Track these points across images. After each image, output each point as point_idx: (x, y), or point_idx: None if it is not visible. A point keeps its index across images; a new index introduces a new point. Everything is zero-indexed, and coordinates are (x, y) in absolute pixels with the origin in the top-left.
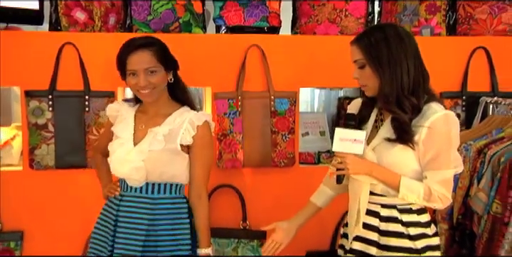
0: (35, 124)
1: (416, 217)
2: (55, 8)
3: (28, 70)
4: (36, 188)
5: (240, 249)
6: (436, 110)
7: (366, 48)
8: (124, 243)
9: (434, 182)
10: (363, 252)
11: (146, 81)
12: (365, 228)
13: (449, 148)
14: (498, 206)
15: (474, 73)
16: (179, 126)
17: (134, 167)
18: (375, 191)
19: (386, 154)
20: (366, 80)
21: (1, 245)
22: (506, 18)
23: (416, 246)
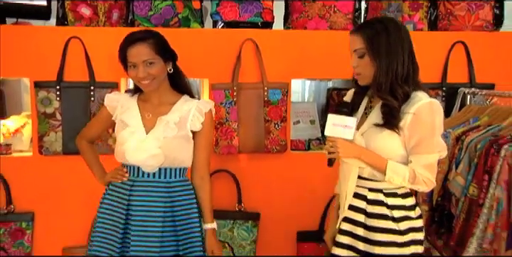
0: (44, 113)
1: (401, 201)
2: (61, 4)
3: (36, 62)
4: (45, 172)
5: (235, 229)
6: (421, 98)
7: (368, 38)
8: (142, 225)
9: (419, 166)
10: (350, 232)
11: (145, 73)
12: (353, 210)
13: (433, 134)
14: (474, 189)
15: (453, 66)
16: (187, 114)
17: (152, 154)
18: (363, 175)
19: (374, 139)
20: (363, 69)
21: (13, 225)
22: (483, 15)
23: (399, 228)
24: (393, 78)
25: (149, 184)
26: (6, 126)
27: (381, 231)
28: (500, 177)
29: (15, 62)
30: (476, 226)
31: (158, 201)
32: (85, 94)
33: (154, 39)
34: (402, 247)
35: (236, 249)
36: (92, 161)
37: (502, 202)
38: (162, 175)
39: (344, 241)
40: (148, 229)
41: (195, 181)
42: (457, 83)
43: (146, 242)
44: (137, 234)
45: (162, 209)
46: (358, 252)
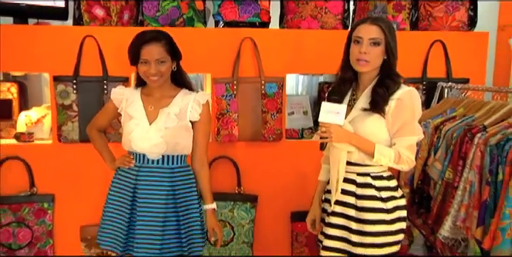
0: (62, 105)
1: (386, 182)
2: (78, 5)
3: (55, 59)
4: (64, 158)
5: (235, 210)
6: (403, 87)
7: (387, 31)
8: (147, 206)
9: (402, 147)
10: (343, 214)
11: (157, 70)
12: (344, 193)
13: (413, 118)
14: (450, 173)
15: (432, 62)
16: (186, 105)
17: (155, 143)
18: (351, 160)
19: (362, 125)
20: (375, 57)
21: (36, 205)
22: (459, 16)
23: (387, 207)
24: (394, 67)
25: (153, 170)
26: (28, 116)
27: (371, 210)
28: (473, 162)
29: (36, 59)
30: (451, 206)
31: (162, 185)
32: (99, 87)
33: (167, 40)
34: (389, 224)
35: (236, 228)
36: (102, 148)
37: (474, 185)
38: (165, 162)
39: (338, 221)
40: (152, 210)
41: (195, 166)
42: (436, 78)
43: (151, 221)
44: (143, 214)
45: (165, 192)
46: (351, 231)
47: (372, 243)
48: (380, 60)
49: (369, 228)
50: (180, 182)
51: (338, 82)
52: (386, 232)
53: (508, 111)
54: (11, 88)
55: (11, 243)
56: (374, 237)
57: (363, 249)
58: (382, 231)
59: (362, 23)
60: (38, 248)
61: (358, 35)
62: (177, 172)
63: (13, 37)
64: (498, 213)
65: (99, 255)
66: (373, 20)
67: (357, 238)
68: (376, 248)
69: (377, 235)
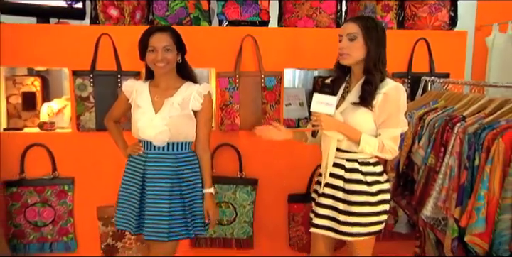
0: (80, 97)
1: (372, 168)
2: (94, 6)
3: (74, 55)
4: (82, 145)
5: (237, 192)
6: (390, 82)
7: (363, 26)
8: (155, 189)
9: (386, 138)
10: (332, 195)
11: (163, 57)
12: (333, 177)
13: (398, 112)
14: (432, 159)
15: (417, 58)
16: (189, 96)
17: (160, 131)
18: (341, 147)
19: (351, 116)
20: (354, 50)
21: (58, 187)
22: (441, 16)
23: (372, 190)
24: (377, 61)
25: (160, 156)
26: (50, 107)
27: (357, 193)
28: (453, 149)
29: (57, 55)
30: (432, 189)
31: (167, 169)
32: (113, 80)
33: (173, 32)
34: (374, 206)
35: (238, 208)
36: (117, 137)
37: (454, 169)
38: (170, 148)
39: (327, 202)
40: (159, 192)
41: (198, 152)
42: (420, 72)
43: (158, 203)
44: (151, 197)
45: (170, 177)
46: (339, 211)
47: (357, 222)
48: (360, 53)
49: (355, 209)
50: (185, 167)
51: (334, 78)
52: (370, 213)
53: (484, 103)
54: (34, 82)
55: (36, 221)
56: (359, 217)
57: (349, 227)
58: (367, 212)
59: (344, 23)
60: (60, 226)
61: (340, 33)
62: (182, 158)
63: (36, 36)
64: (474, 195)
65: (114, 232)
66: (353, 18)
67: (343, 218)
68: (361, 226)
69: (362, 215)
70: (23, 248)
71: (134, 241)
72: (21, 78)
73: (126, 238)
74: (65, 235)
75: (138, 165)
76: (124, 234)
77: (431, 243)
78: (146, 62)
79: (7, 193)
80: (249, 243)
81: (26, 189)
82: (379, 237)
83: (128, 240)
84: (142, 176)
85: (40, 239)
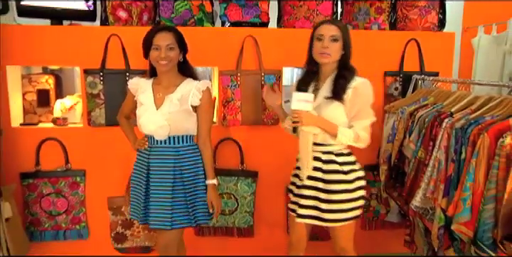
0: (91, 94)
1: (347, 158)
2: (104, 9)
3: (85, 54)
4: (93, 139)
5: (238, 184)
6: (357, 78)
7: (343, 29)
8: (157, 181)
9: (359, 129)
10: (313, 186)
11: (166, 55)
12: (312, 169)
13: (367, 104)
14: (422, 152)
15: (408, 58)
16: (188, 92)
17: (160, 125)
18: (317, 141)
19: (324, 110)
20: (335, 51)
21: (71, 179)
22: (430, 18)
23: (349, 178)
24: (349, 60)
25: (161, 149)
26: (63, 103)
27: (336, 182)
28: (442, 143)
29: (69, 55)
30: (422, 181)
31: (168, 162)
32: (122, 78)
33: (176, 32)
34: (351, 192)
35: (239, 199)
36: (128, 132)
37: (442, 162)
38: (171, 142)
39: (309, 193)
40: (162, 184)
41: (199, 146)
42: (411, 71)
43: (161, 195)
44: (154, 189)
45: (171, 168)
46: (321, 200)
47: (339, 209)
48: (338, 54)
49: (335, 197)
50: (186, 159)
51: (305, 74)
52: (350, 199)
53: (470, 100)
54: (48, 80)
55: (51, 210)
56: (340, 204)
57: (332, 214)
58: (346, 199)
59: (323, 24)
60: (73, 215)
61: (320, 33)
62: (182, 151)
63: (50, 37)
64: (461, 186)
65: (124, 221)
66: (332, 21)
67: (326, 206)
68: (342, 212)
69: (342, 202)
70: (39, 235)
71: (142, 229)
72: (36, 76)
73: (135, 226)
74: (77, 223)
75: (143, 158)
76: (133, 223)
77: (420, 231)
78: (150, 59)
79: (24, 184)
80: (249, 232)
81: (41, 180)
82: (371, 225)
83: (136, 228)
84: (147, 168)
85: (54, 227)
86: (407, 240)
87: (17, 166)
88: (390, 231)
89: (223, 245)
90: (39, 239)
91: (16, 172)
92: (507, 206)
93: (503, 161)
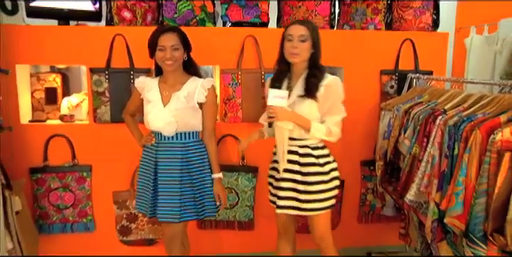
0: (97, 92)
1: (322, 151)
2: (109, 9)
3: (91, 54)
4: (98, 135)
5: (239, 179)
6: (328, 76)
7: (312, 30)
8: (165, 176)
9: (331, 124)
10: (291, 179)
11: (171, 55)
12: (290, 162)
13: (339, 101)
14: (417, 148)
15: (403, 57)
16: (194, 89)
17: (168, 122)
18: (293, 136)
19: (298, 107)
20: (304, 51)
21: (77, 174)
22: (425, 19)
23: (324, 170)
24: (319, 59)
25: (169, 145)
26: (70, 101)
27: (313, 174)
28: (435, 139)
29: (76, 54)
30: (416, 176)
31: (176, 157)
32: (127, 77)
33: (180, 32)
34: (327, 183)
35: (240, 193)
36: (133, 130)
37: (435, 158)
38: (179, 138)
39: (287, 185)
40: (170, 179)
41: (205, 141)
42: (406, 70)
43: (170, 189)
44: (163, 183)
45: (179, 164)
46: (299, 192)
47: (316, 199)
48: (308, 53)
49: (312, 188)
50: (193, 154)
51: (277, 73)
52: (326, 189)
53: (463, 98)
54: (56, 78)
55: (59, 204)
56: (317, 194)
57: (310, 204)
58: (323, 189)
59: (292, 25)
60: (80, 209)
61: (290, 34)
62: (189, 146)
63: (57, 37)
64: (454, 181)
65: (128, 215)
66: (301, 22)
67: (304, 197)
68: (319, 202)
69: (319, 192)
70: (48, 227)
71: (146, 222)
72: (44, 75)
73: (139, 220)
74: (84, 217)
75: (150, 154)
76: (137, 216)
77: (414, 224)
78: (156, 59)
79: (33, 179)
80: (250, 225)
81: (49, 175)
82: (368, 218)
83: (141, 222)
84: (154, 164)
85: (62, 220)
86: (402, 233)
87: (26, 161)
88: (385, 225)
89: (224, 238)
90: (48, 232)
91: (25, 167)
92: (497, 201)
93: (494, 157)
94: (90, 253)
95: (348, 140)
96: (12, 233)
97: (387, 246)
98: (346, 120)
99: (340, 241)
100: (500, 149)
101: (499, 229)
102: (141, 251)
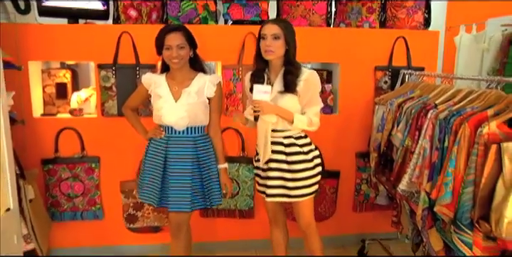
0: (104, 87)
1: (304, 140)
2: (116, 8)
3: (99, 50)
4: (106, 128)
5: (240, 170)
6: (306, 70)
7: (284, 27)
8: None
9: (311, 115)
10: (278, 168)
11: (177, 54)
12: (276, 153)
13: (316, 93)
14: (409, 141)
15: (397, 54)
16: (203, 85)
17: (180, 116)
18: (277, 128)
19: (280, 101)
20: (277, 48)
21: (86, 165)
22: (417, 18)
23: (308, 157)
24: (293, 55)
25: (180, 139)
26: (79, 96)
27: (298, 162)
28: (427, 132)
29: (84, 51)
30: (408, 167)
31: (188, 151)
32: (133, 72)
33: (185, 31)
34: (311, 169)
35: (241, 183)
36: (135, 124)
37: (427, 150)
38: (189, 132)
39: (275, 174)
40: (182, 171)
41: (211, 134)
42: (399, 66)
43: (181, 181)
44: (174, 175)
45: (191, 157)
46: (286, 180)
47: (303, 186)
48: (281, 50)
49: (299, 175)
50: (202, 148)
51: (256, 70)
52: (310, 176)
53: (453, 93)
54: (66, 74)
55: (69, 193)
56: (303, 181)
57: (297, 191)
58: (308, 176)
59: (266, 24)
60: (89, 197)
61: (264, 33)
62: (199, 140)
63: (67, 34)
64: (443, 172)
65: (135, 204)
66: (274, 20)
67: (291, 184)
68: (306, 188)
69: (305, 179)
70: (59, 215)
71: (152, 211)
72: (55, 71)
73: (145, 208)
74: (93, 205)
75: (160, 147)
76: (143, 205)
77: (406, 212)
78: (163, 57)
79: (45, 169)
80: (250, 214)
81: (60, 166)
82: (362, 207)
83: (146, 210)
84: (164, 157)
85: (72, 208)
86: (394, 221)
87: (38, 153)
88: (378, 213)
89: (226, 225)
90: (59, 219)
91: (38, 158)
92: (484, 190)
93: (481, 149)
94: (99, 239)
95: (343, 133)
96: (26, 219)
97: (381, 233)
98: (342, 113)
99: (336, 228)
100: (487, 141)
101: (485, 217)
102: (147, 238)
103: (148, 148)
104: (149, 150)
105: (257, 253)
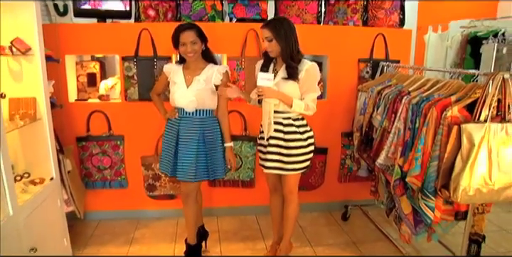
0: (127, 76)
1: (302, 121)
2: (137, 9)
3: (123, 45)
4: (129, 111)
5: (242, 146)
6: (308, 62)
7: (274, 30)
8: (185, 143)
9: (309, 101)
10: (276, 144)
11: (191, 49)
12: (275, 131)
13: (315, 82)
14: (386, 122)
15: (376, 48)
16: (211, 74)
17: (190, 100)
18: (278, 109)
19: (282, 87)
20: (273, 48)
21: (113, 142)
22: (394, 18)
23: (303, 137)
24: (290, 51)
25: (190, 119)
26: (106, 84)
27: (294, 140)
28: (401, 115)
29: (111, 45)
30: (385, 144)
31: (195, 129)
32: (151, 64)
33: (197, 28)
34: (305, 147)
35: (243, 158)
36: (159, 106)
37: (401, 130)
38: (198, 114)
39: (273, 150)
40: (188, 145)
41: (219, 117)
42: (379, 58)
43: (188, 154)
44: (183, 149)
45: (197, 134)
46: (283, 155)
47: (296, 161)
48: (277, 48)
49: (293, 152)
50: (208, 127)
51: (265, 60)
52: (304, 153)
53: (423, 82)
54: (95, 65)
55: (99, 166)
56: (297, 157)
57: (291, 165)
58: (302, 153)
59: (261, 28)
60: (116, 170)
61: (262, 36)
62: (206, 121)
63: (96, 32)
64: (414, 148)
65: (154, 175)
66: (265, 25)
67: (287, 159)
68: (299, 163)
69: (298, 155)
70: (92, 184)
71: (168, 181)
72: (86, 62)
73: (162, 179)
74: (119, 176)
75: (174, 126)
76: (161, 176)
77: (382, 183)
78: (179, 51)
79: (79, 146)
80: (251, 184)
81: (91, 143)
82: (346, 178)
83: (163, 181)
84: (177, 134)
85: (102, 178)
86: (373, 190)
87: (74, 132)
88: (360, 183)
89: (231, 193)
90: (92, 187)
91: (73, 136)
92: (446, 164)
93: (445, 129)
94: (124, 204)
95: (331, 116)
96: (66, 187)
97: (361, 200)
98: (330, 99)
99: (324, 196)
100: (450, 123)
101: (445, 185)
102: (163, 203)
103: (166, 126)
104: (166, 128)
105: (257, 217)
